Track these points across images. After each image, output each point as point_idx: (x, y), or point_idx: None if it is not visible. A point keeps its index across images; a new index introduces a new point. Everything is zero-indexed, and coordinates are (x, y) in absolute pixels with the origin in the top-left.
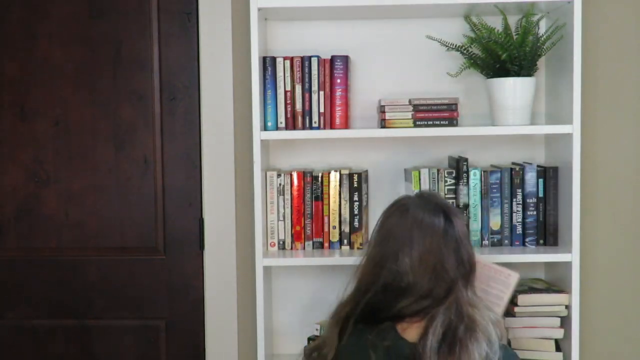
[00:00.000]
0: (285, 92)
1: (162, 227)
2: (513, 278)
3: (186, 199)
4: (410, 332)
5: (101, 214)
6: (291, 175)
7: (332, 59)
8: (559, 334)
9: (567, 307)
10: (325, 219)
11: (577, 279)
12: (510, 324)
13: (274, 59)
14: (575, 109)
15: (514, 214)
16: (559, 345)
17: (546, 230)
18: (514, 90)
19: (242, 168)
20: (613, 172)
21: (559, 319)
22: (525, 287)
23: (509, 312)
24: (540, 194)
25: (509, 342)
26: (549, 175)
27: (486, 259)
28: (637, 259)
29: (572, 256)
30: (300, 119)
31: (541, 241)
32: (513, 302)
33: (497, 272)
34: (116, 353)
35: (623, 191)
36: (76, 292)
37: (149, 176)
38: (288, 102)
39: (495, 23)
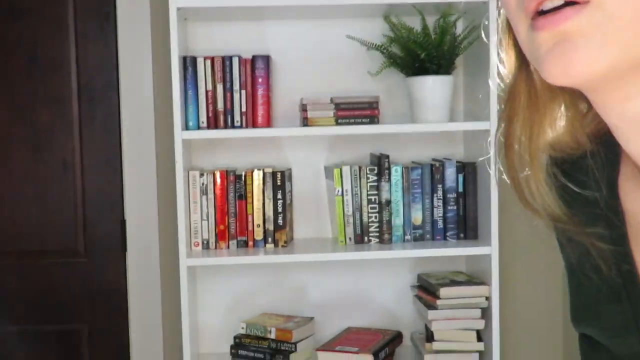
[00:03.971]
0: (207, 91)
1: (82, 230)
2: None
3: (107, 201)
4: None
5: (19, 218)
6: (214, 174)
7: (253, 59)
8: (480, 324)
9: (488, 298)
10: (250, 217)
11: (497, 271)
12: (433, 317)
13: (194, 59)
14: (492, 106)
15: (434, 209)
16: (480, 336)
17: (466, 225)
18: (433, 89)
19: (164, 168)
20: None
21: (479, 310)
22: (447, 280)
23: (430, 305)
24: (460, 189)
25: (432, 334)
26: (468, 170)
27: None
28: (552, 250)
29: (491, 249)
30: (222, 117)
31: (462, 235)
32: (435, 294)
33: None
34: (38, 359)
35: None
36: None
37: (68, 179)
38: (209, 101)
39: (414, 23)
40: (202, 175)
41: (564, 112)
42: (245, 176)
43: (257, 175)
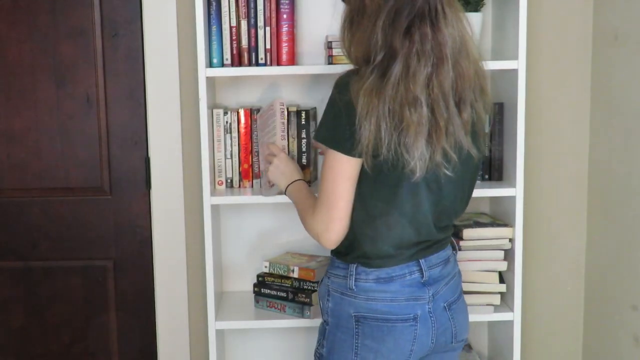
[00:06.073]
0: (231, 27)
1: (107, 167)
2: (276, 104)
3: (131, 138)
4: None
5: (44, 155)
6: (238, 112)
7: None
8: (503, 266)
9: (511, 240)
10: None
11: (521, 212)
12: (456, 258)
13: None
14: (520, 45)
15: None
16: (503, 278)
17: (491, 165)
18: None
19: (188, 106)
20: (557, 108)
21: (502, 252)
22: (471, 221)
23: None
24: (486, 130)
25: None
26: (495, 111)
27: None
28: (576, 193)
29: (516, 191)
30: (246, 55)
31: (486, 176)
32: (458, 236)
33: (268, 112)
34: (63, 294)
35: (566, 127)
36: (20, 233)
37: (92, 115)
38: (234, 38)
39: None
40: (226, 113)
41: None
42: None
43: None
